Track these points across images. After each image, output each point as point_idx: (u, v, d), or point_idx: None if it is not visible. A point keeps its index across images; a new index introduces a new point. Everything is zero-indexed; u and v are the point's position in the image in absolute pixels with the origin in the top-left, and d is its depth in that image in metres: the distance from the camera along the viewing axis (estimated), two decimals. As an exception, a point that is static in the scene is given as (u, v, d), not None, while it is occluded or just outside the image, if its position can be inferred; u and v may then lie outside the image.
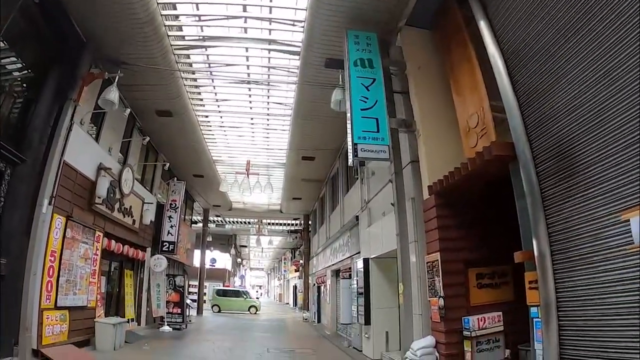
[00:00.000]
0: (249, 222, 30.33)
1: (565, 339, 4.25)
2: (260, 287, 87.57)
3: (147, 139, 12.62)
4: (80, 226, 9.57)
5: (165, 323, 14.70)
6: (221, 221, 27.46)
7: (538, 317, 4.60)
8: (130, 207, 12.59)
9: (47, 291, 8.23)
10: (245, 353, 10.68)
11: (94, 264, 10.39)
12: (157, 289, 14.82)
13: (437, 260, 6.49)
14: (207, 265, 28.44)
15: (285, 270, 43.62)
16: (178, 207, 15.84)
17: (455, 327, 6.29)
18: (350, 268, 12.69)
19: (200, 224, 25.03)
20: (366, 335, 10.25)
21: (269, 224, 30.13)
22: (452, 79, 6.84)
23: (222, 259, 32.38)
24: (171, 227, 15.45)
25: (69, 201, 8.99)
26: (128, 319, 13.08)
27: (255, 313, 26.29)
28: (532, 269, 4.72)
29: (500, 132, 5.40)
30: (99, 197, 10.13)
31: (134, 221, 12.96)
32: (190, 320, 17.92)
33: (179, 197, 16.13)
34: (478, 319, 6.37)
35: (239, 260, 40.69)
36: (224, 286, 30.53)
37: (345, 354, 10.87)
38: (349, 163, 7.34)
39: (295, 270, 31.47)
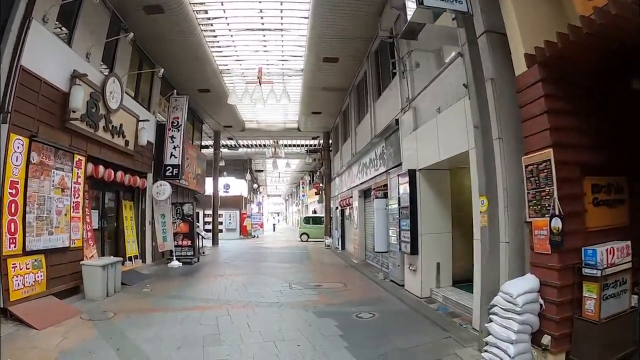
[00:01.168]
0: (264, 145, 28.25)
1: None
2: (278, 214, 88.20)
3: (131, 35, 10.10)
4: (51, 149, 7.53)
5: (174, 258, 13.14)
6: (234, 145, 25.35)
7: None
8: (121, 125, 10.44)
9: (9, 233, 6.42)
10: (262, 290, 8.93)
11: (76, 195, 8.48)
12: (162, 220, 13.07)
13: (549, 160, 4.27)
14: (221, 193, 26.90)
15: (303, 195, 42.32)
16: (181, 125, 13.63)
17: (572, 262, 4.26)
18: (385, 185, 10.58)
19: (212, 150, 23.02)
20: (411, 268, 8.32)
21: (285, 145, 28.02)
22: None
23: (237, 186, 30.80)
24: (174, 148, 13.36)
25: (32, 117, 7.02)
26: (128, 257, 11.54)
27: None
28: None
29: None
30: (75, 111, 8.06)
31: (127, 142, 10.86)
32: (203, 253, 16.48)
33: (181, 113, 13.85)
34: (607, 250, 4.28)
35: (255, 186, 39.22)
36: (311, 213, 28.84)
37: (383, 289, 9.05)
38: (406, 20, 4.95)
39: (316, 193, 29.84)
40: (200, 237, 16.35)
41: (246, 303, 7.63)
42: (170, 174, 13.13)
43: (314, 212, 36.42)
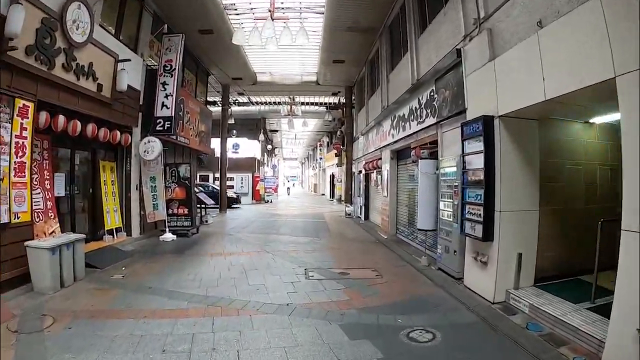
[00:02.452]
0: (279, 103, 25.61)
1: None
2: (294, 177, 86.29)
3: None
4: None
5: (167, 229, 10.95)
6: (246, 101, 22.86)
7: None
8: (91, 65, 8.10)
9: None
10: (268, 280, 6.65)
11: (20, 154, 6.26)
12: (151, 184, 10.82)
13: None
14: (230, 154, 24.64)
15: (320, 158, 39.86)
16: (175, 69, 11.12)
17: None
18: (435, 142, 8.11)
19: (220, 107, 20.52)
20: (480, 259, 5.87)
21: (302, 103, 25.34)
22: None
23: (249, 147, 28.47)
24: (166, 97, 10.92)
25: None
26: (107, 231, 9.46)
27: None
28: None
29: None
30: (13, 39, 5.75)
31: (99, 87, 8.50)
32: (206, 221, 14.33)
33: (175, 56, 11.31)
34: None
35: (269, 147, 36.76)
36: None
37: (433, 282, 6.70)
38: None
39: (336, 155, 27.30)
40: (203, 205, 14.19)
41: (243, 305, 5.34)
42: (162, 128, 10.74)
43: (332, 176, 34.07)
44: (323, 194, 41.64)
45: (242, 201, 26.89)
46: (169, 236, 10.80)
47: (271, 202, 30.06)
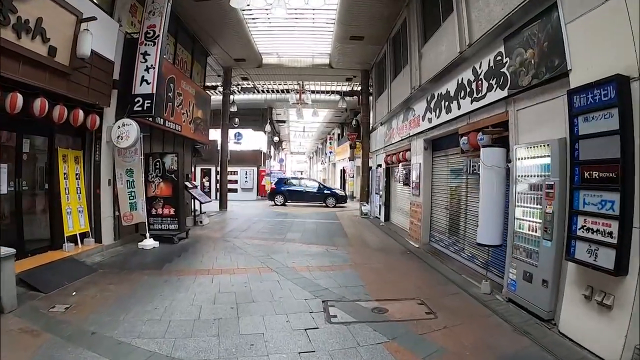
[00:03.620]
0: (287, 91, 23.42)
1: None
2: (301, 172, 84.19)
3: None
4: None
5: (147, 235, 8.86)
6: (250, 85, 20.71)
7: None
8: (40, 21, 6.05)
9: None
10: (271, 324, 4.51)
11: None
12: (127, 178, 8.73)
13: None
14: (232, 145, 22.58)
15: (330, 152, 37.61)
16: (159, 37, 8.96)
17: None
18: (500, 124, 5.93)
19: (221, 94, 18.36)
20: (601, 300, 3.69)
21: (312, 92, 23.13)
22: None
23: (254, 138, 26.31)
24: (147, 70, 8.78)
25: None
26: (68, 237, 7.38)
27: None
28: None
29: None
30: None
31: (52, 50, 6.44)
32: (200, 222, 12.22)
33: (160, 21, 9.12)
34: None
35: (276, 139, 34.52)
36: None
37: (513, 328, 4.50)
38: None
39: (350, 147, 25.13)
40: (196, 202, 12.09)
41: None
42: (140, 109, 8.60)
43: (343, 171, 31.87)
44: (333, 190, 39.41)
45: (245, 197, 24.81)
46: (149, 243, 8.72)
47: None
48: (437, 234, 9.36)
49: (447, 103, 8.07)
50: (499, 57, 5.98)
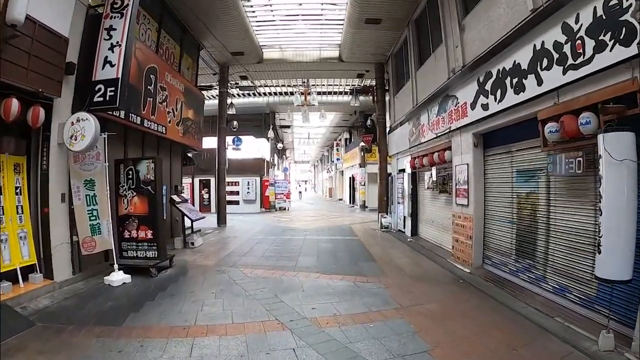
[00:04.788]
0: (290, 93, 21.36)
1: None
2: (305, 182, 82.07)
3: None
4: None
5: (115, 266, 6.69)
6: (249, 85, 18.64)
7: None
8: None
9: None
10: None
11: None
12: (87, 192, 6.58)
13: None
14: (231, 152, 20.56)
15: (337, 159, 35.41)
16: (128, 7, 6.84)
17: None
18: (618, 101, 3.80)
19: (218, 97, 16.27)
20: None
21: (319, 93, 21.04)
22: None
23: (256, 146, 24.12)
24: (111, 49, 6.66)
25: None
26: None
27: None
28: None
29: None
30: None
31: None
32: (192, 244, 10.04)
33: (131, -9, 7.06)
34: None
35: (279, 146, 32.30)
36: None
37: None
38: None
39: (365, 151, 23.04)
40: (184, 216, 9.94)
41: None
42: (102, 99, 6.45)
43: (352, 179, 29.69)
44: (341, 199, 37.19)
45: (248, 210, 22.64)
46: (118, 277, 6.52)
47: (287, 209, 25.79)
48: (495, 256, 7.13)
49: (515, 80, 5.88)
50: (611, 2, 3.86)
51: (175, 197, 9.90)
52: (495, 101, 6.48)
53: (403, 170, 12.80)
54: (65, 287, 6.28)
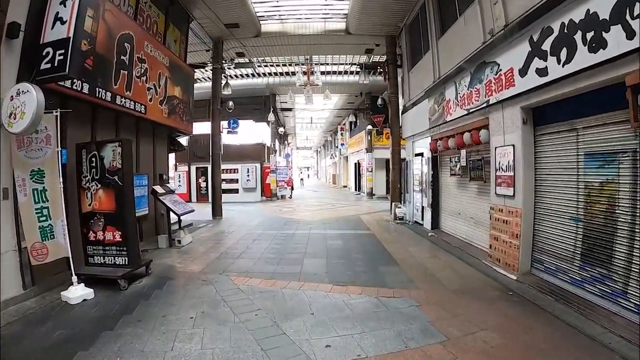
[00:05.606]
0: (292, 73, 19.83)
1: None
2: (307, 168, 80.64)
3: None
4: None
5: (74, 279, 5.30)
6: (248, 69, 17.09)
7: None
8: None
9: None
10: None
11: None
12: (35, 185, 5.14)
13: None
14: (228, 137, 19.14)
15: (342, 144, 33.89)
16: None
17: None
18: None
19: (211, 75, 14.70)
20: None
21: (322, 73, 19.48)
22: None
23: (256, 130, 22.62)
24: (63, 2, 5.21)
25: None
26: None
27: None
28: None
29: None
30: None
31: None
32: (179, 242, 8.64)
33: None
34: None
35: (281, 130, 30.68)
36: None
37: None
38: None
39: (376, 133, 21.66)
40: (169, 210, 8.54)
41: None
42: (49, 65, 4.97)
43: (358, 165, 28.25)
44: (345, 186, 35.76)
45: (248, 199, 21.30)
46: (77, 293, 5.15)
47: (291, 197, 24.51)
48: (550, 260, 5.70)
49: (591, 34, 4.37)
50: None
51: (157, 188, 8.48)
52: (559, 63, 4.97)
53: (421, 155, 11.34)
54: (11, 307, 4.92)
